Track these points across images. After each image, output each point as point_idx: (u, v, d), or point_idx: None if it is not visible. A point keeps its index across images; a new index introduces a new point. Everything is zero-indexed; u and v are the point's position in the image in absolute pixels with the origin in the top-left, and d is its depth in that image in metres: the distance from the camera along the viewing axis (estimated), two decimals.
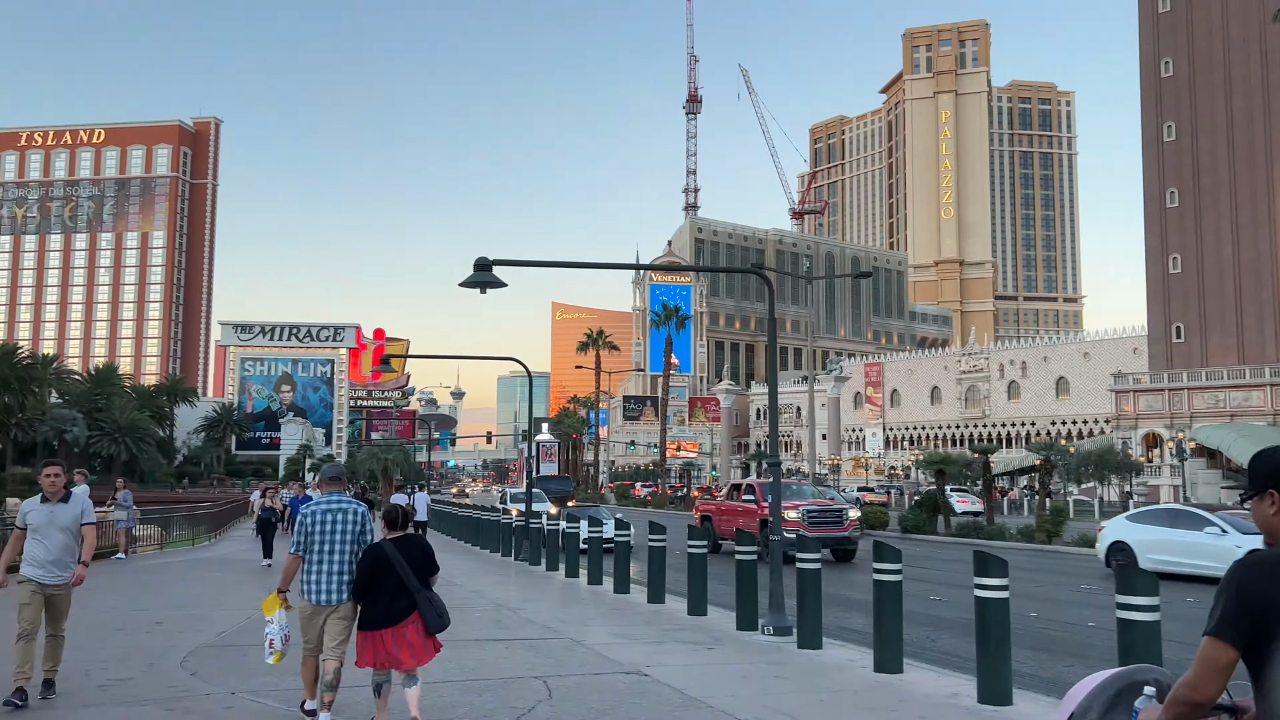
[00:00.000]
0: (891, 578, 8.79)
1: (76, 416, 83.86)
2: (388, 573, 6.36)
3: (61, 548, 7.59)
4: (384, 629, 6.32)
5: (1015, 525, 31.02)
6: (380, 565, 6.39)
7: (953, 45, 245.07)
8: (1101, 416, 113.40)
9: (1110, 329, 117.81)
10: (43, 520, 7.57)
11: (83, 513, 7.81)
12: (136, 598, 14.35)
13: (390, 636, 6.32)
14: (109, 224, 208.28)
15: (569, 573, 17.46)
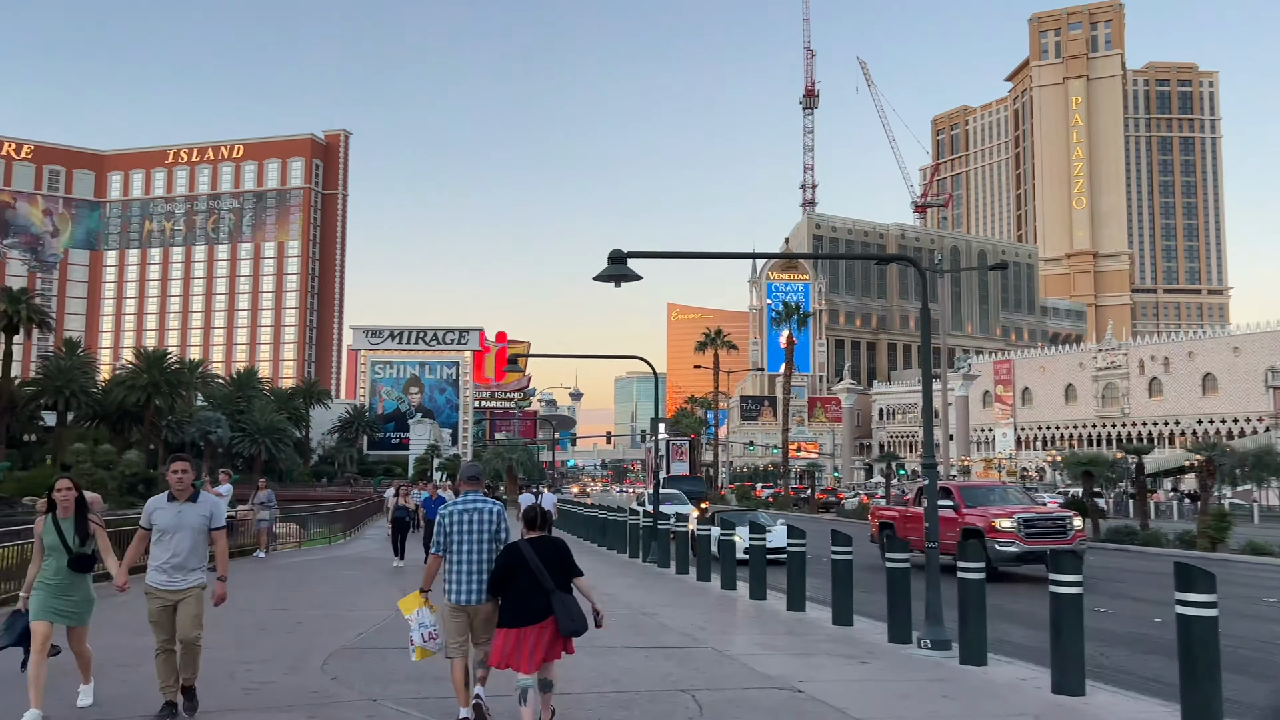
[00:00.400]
0: (1071, 590, 7.96)
1: (220, 418, 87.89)
2: (523, 572, 6.40)
3: (188, 551, 7.05)
4: (521, 628, 6.34)
5: (1171, 531, 28.99)
6: (516, 564, 6.44)
7: (1083, 28, 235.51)
8: (1255, 414, 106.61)
9: (1263, 322, 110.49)
10: (169, 521, 7.03)
11: (212, 515, 7.17)
12: (278, 596, 14.56)
13: (527, 635, 6.33)
14: (248, 235, 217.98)
15: (725, 584, 16.00)
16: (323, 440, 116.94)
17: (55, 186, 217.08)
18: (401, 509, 21.08)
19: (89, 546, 7.15)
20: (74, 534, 7.08)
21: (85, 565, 7.11)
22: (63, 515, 7.11)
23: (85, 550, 7.11)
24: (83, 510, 7.19)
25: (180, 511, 7.05)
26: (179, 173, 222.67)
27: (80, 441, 72.04)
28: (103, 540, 7.32)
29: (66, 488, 7.18)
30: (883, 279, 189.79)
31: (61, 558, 7.02)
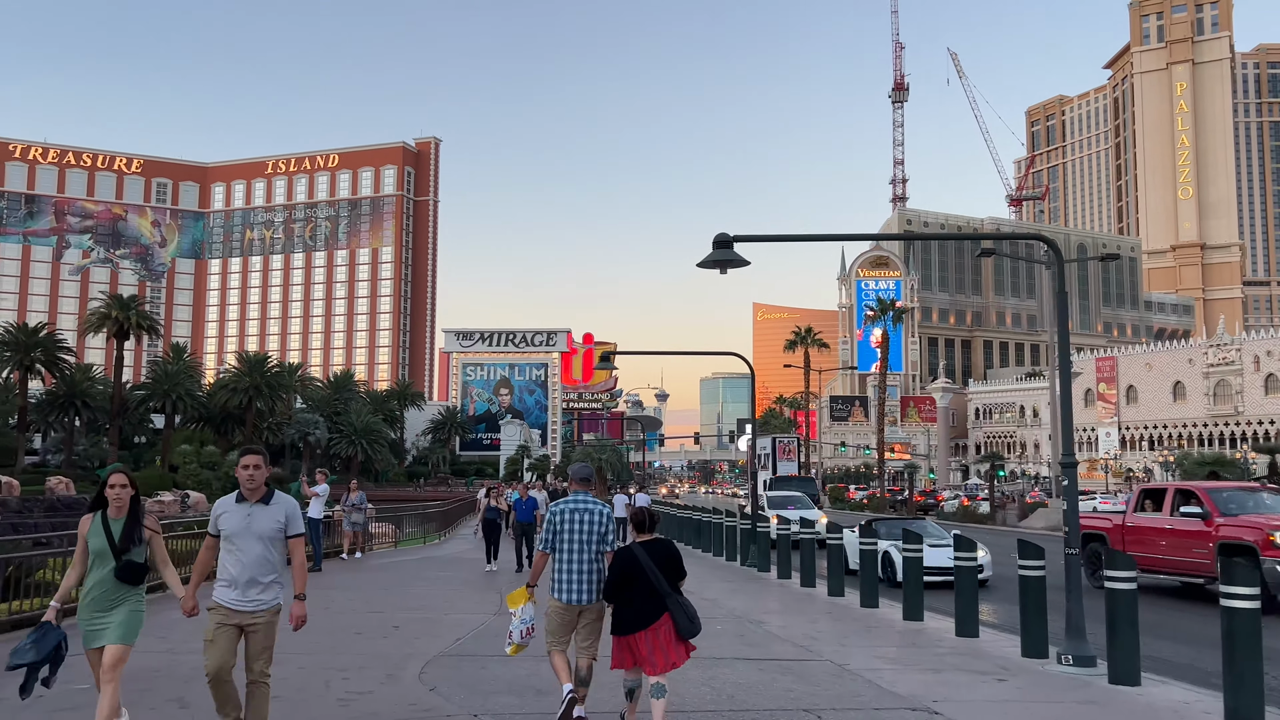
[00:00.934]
0: (1247, 604, 7.03)
1: (319, 420, 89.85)
2: (638, 576, 6.40)
3: (258, 561, 6.00)
4: (637, 632, 6.34)
5: None
6: (631, 568, 6.43)
7: (1188, 11, 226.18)
8: None
9: None
10: (237, 525, 6.00)
11: (287, 520, 6.11)
12: (373, 597, 14.26)
13: (643, 639, 6.32)
14: (343, 242, 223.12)
15: (832, 590, 15.13)
16: (416, 441, 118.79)
17: (163, 198, 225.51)
18: (493, 510, 20.35)
19: (140, 554, 6.09)
20: (124, 538, 6.02)
21: (136, 575, 6.05)
22: (114, 515, 6.08)
23: (136, 558, 6.05)
24: (137, 512, 6.17)
25: (250, 515, 6.01)
26: (278, 183, 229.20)
27: (186, 443, 74.40)
28: (159, 548, 6.27)
29: (122, 484, 6.11)
30: (977, 275, 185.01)
31: (108, 564, 6.00)
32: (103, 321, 71.15)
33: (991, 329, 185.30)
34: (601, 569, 6.79)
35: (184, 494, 49.99)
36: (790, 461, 49.59)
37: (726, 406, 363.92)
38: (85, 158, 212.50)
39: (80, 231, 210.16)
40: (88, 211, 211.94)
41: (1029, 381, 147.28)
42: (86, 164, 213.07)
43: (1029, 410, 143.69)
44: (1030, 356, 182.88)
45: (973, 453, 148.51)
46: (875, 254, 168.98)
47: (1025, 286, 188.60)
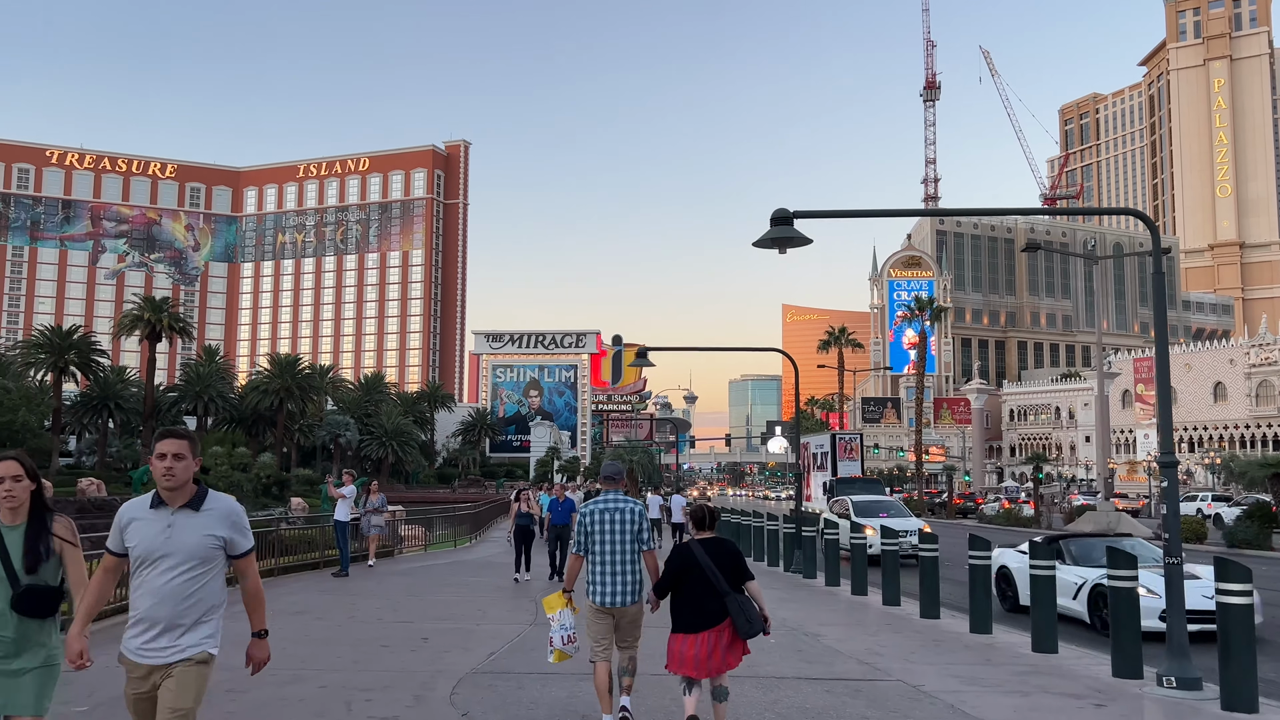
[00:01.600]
0: None
1: (349, 421, 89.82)
2: (695, 574, 6.21)
3: (178, 592, 4.03)
4: (698, 632, 6.17)
5: None
6: (687, 566, 6.26)
7: (1225, 6, 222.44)
8: None
9: None
10: (151, 541, 4.06)
11: (230, 533, 4.16)
12: (401, 605, 13.51)
13: (705, 640, 6.15)
14: (374, 245, 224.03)
15: (888, 599, 13.93)
16: (447, 443, 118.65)
17: (196, 203, 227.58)
18: (525, 516, 18.32)
19: (51, 573, 4.21)
20: (23, 554, 4.14)
21: (44, 605, 4.14)
22: (8, 521, 4.20)
23: (41, 580, 4.15)
24: (42, 516, 4.28)
25: (171, 525, 4.06)
26: (309, 186, 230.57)
27: (218, 445, 74.52)
28: (74, 565, 4.28)
29: (13, 475, 4.18)
30: (1010, 275, 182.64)
31: (2, 592, 4.10)
32: (135, 324, 71.40)
33: (1025, 329, 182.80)
34: (639, 569, 6.63)
35: None
36: (853, 461, 42.08)
37: (756, 409, 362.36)
38: (120, 163, 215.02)
39: (115, 236, 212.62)
40: (123, 216, 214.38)
41: (1065, 383, 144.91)
42: (122, 169, 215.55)
43: (1065, 411, 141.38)
44: (1065, 357, 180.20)
45: (1007, 455, 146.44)
46: (908, 254, 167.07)
47: (1060, 286, 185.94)
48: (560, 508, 17.59)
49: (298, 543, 18.33)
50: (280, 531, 17.57)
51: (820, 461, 43.37)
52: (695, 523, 6.57)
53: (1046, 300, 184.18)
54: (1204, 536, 28.78)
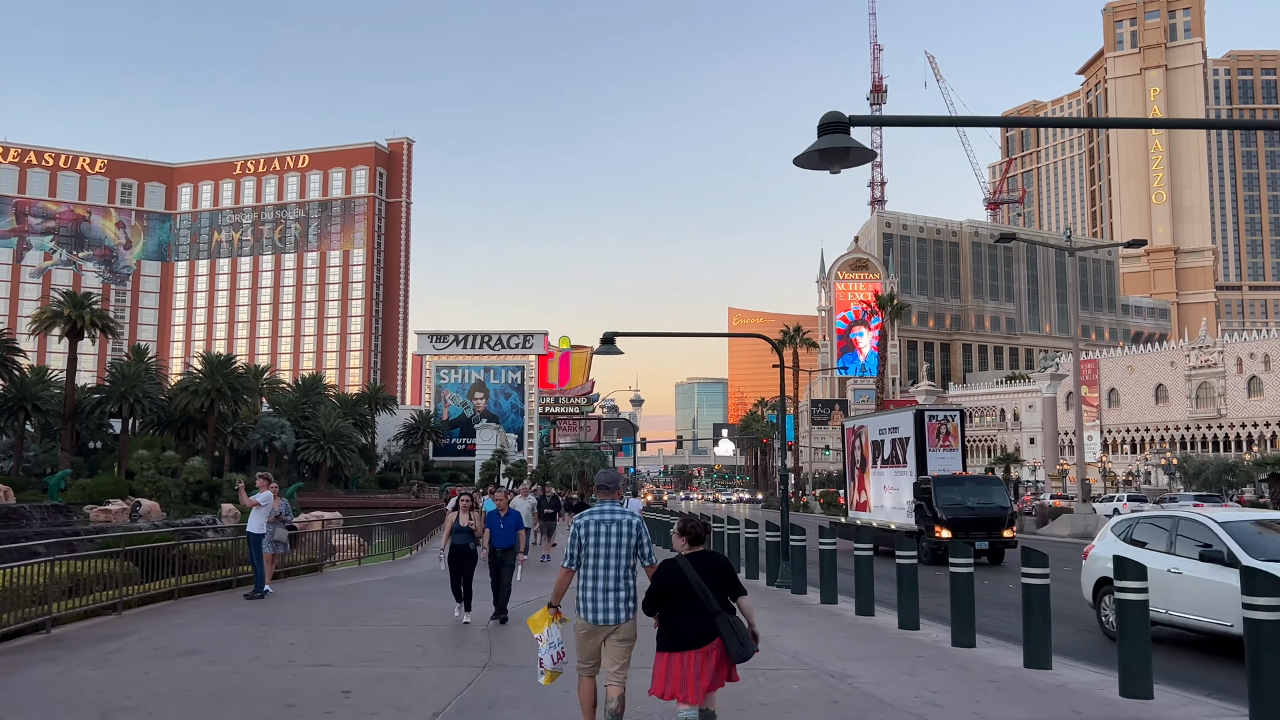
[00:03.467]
0: None
1: (284, 424, 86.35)
2: (683, 592, 5.87)
3: None
4: (687, 651, 5.80)
5: None
6: (674, 583, 5.91)
7: (1161, 16, 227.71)
8: None
9: None
10: None
11: None
12: (322, 638, 11.20)
13: (691, 661, 5.77)
14: (313, 244, 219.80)
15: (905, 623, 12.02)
16: (388, 447, 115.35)
17: (128, 200, 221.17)
18: (464, 532, 12.97)
19: None
20: None
21: None
22: None
23: None
24: None
25: None
26: (246, 184, 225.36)
27: (145, 449, 70.73)
28: None
29: None
30: (956, 278, 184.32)
31: None
32: (55, 320, 67.45)
33: (971, 332, 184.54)
34: (633, 585, 6.28)
35: (136, 502, 46.42)
36: (949, 451, 26.99)
37: (702, 411, 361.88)
38: (47, 157, 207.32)
39: (42, 233, 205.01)
40: (49, 212, 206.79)
41: (1010, 385, 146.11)
42: (49, 164, 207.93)
43: (1010, 414, 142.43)
44: (1010, 360, 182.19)
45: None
46: (855, 256, 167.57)
47: (1004, 290, 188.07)
48: (503, 523, 12.97)
49: (207, 558, 15.80)
50: (182, 546, 14.99)
51: (891, 453, 28.78)
52: (688, 537, 6.11)
53: (991, 303, 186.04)
54: None
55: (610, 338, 15.36)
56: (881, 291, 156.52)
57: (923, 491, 25.02)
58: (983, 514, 24.45)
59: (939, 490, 24.71)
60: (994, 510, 24.74)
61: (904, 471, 27.55)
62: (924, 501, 24.88)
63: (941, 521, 23.91)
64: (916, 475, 26.21)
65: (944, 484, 24.97)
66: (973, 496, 24.85)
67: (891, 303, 58.20)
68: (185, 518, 44.79)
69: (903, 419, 28.98)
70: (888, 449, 29.17)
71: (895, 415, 30.18)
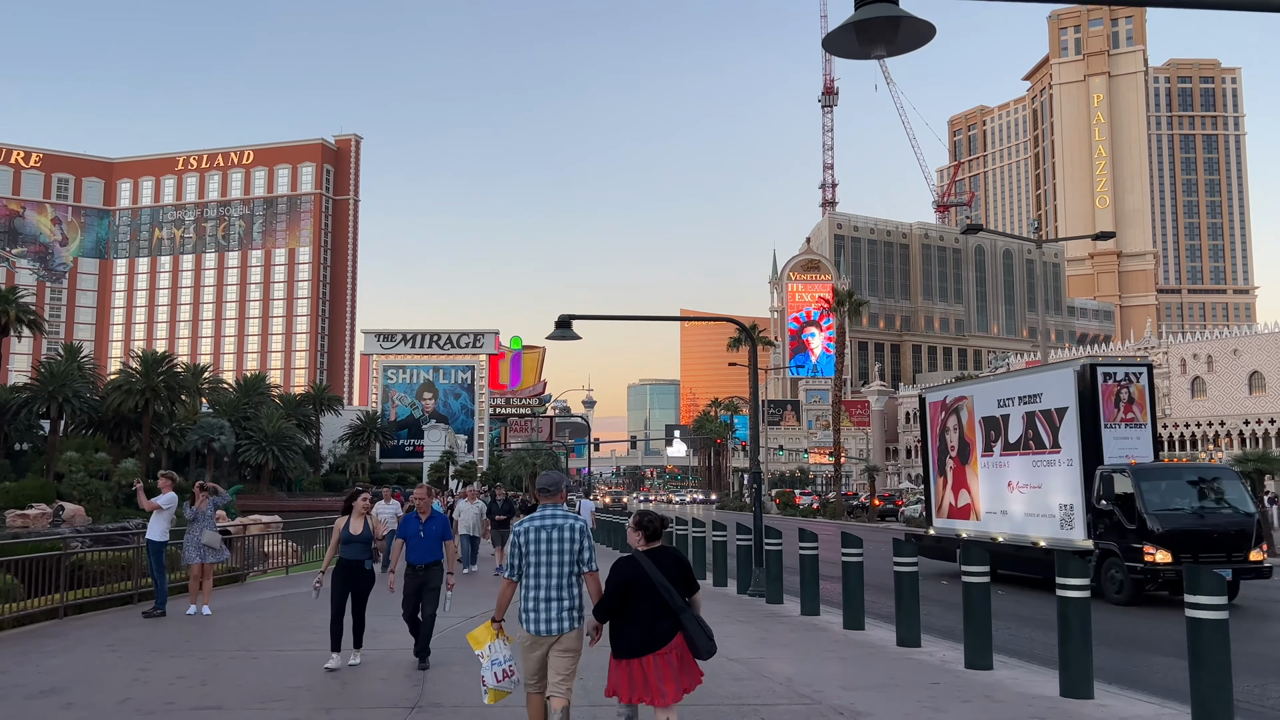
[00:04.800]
0: None
1: (224, 425, 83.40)
2: (646, 591, 5.61)
3: None
4: (645, 655, 5.53)
5: None
6: (636, 582, 5.64)
7: (1104, 25, 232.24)
8: None
9: None
10: None
11: None
12: (219, 670, 9.32)
13: (652, 664, 5.52)
14: (258, 241, 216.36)
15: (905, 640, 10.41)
16: (334, 448, 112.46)
17: (64, 195, 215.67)
18: (357, 543, 9.56)
19: None
20: None
21: None
22: None
23: None
24: None
25: None
26: (189, 180, 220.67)
27: (75, 450, 67.57)
28: None
29: None
30: (906, 280, 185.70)
31: None
32: None
33: (920, 333, 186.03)
34: (577, 593, 5.96)
35: (59, 506, 43.81)
36: (1134, 428, 18.45)
37: (654, 413, 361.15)
38: None
39: None
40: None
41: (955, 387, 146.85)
42: None
43: None
44: (958, 361, 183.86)
45: (904, 457, 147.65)
46: (807, 257, 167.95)
47: (953, 291, 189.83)
48: (424, 529, 9.66)
49: (108, 569, 13.86)
50: (74, 556, 13.02)
51: (1025, 433, 19.73)
52: (647, 535, 5.80)
53: (941, 305, 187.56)
54: None
55: (566, 321, 13.80)
56: (830, 295, 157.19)
57: (1113, 489, 17.10)
58: (1219, 525, 16.62)
59: (1146, 487, 16.67)
60: (1234, 520, 16.78)
61: (1052, 460, 18.54)
62: (1116, 505, 16.95)
63: (1156, 536, 16.10)
64: (1082, 464, 17.90)
65: (1153, 476, 17.11)
66: (1200, 498, 17.15)
67: (850, 299, 57.27)
68: (115, 522, 42.38)
69: (1050, 380, 19.08)
70: (1017, 427, 19.67)
71: (1033, 376, 19.97)
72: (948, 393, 23.08)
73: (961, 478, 21.56)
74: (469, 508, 21.38)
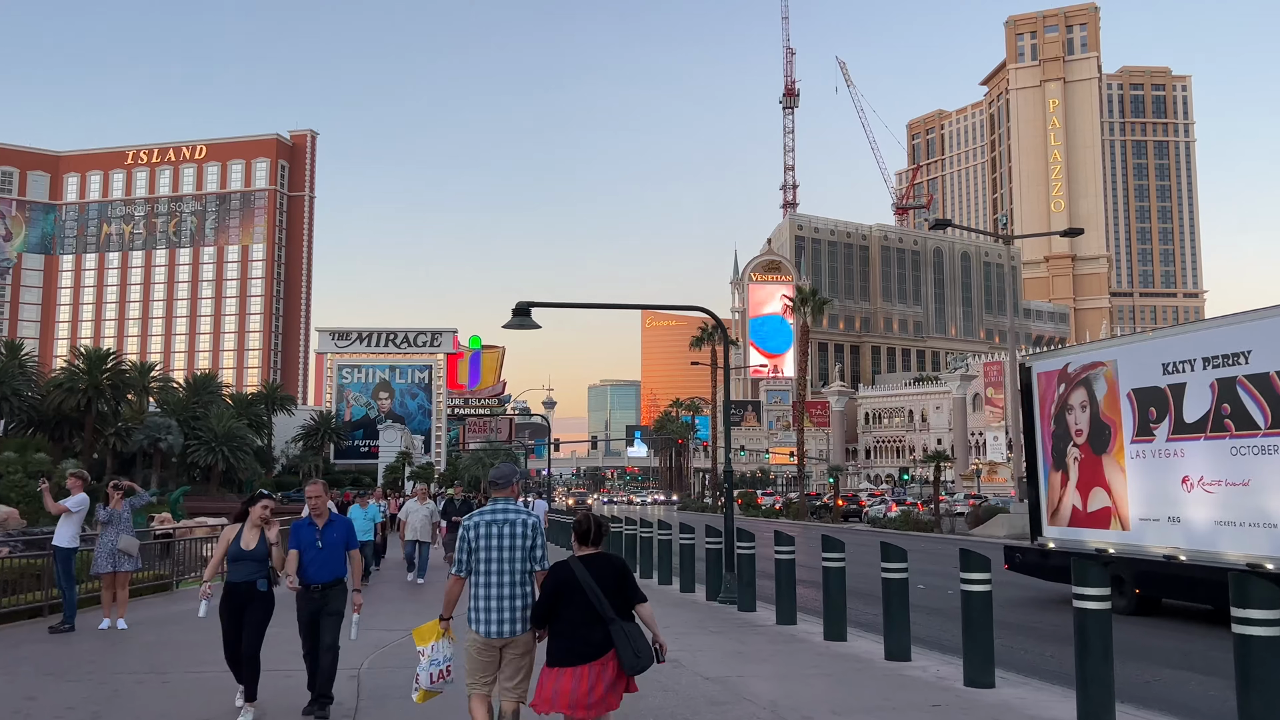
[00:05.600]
0: None
1: (172, 424, 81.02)
2: (575, 598, 5.34)
3: None
4: (578, 665, 5.25)
5: None
6: (566, 588, 5.38)
7: (1059, 31, 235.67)
8: None
9: None
10: None
11: None
12: (118, 698, 8.01)
13: (585, 675, 5.23)
14: (211, 238, 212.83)
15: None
16: (286, 449, 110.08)
17: (8, 189, 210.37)
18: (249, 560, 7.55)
19: None
20: None
21: None
22: None
23: None
24: None
25: None
26: (138, 174, 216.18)
27: (17, 451, 65.13)
28: None
29: None
30: (865, 281, 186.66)
31: None
32: None
33: (879, 335, 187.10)
34: (530, 592, 5.70)
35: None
36: None
37: (615, 414, 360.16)
38: None
39: None
40: None
41: (918, 386, 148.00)
42: None
43: (918, 415, 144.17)
44: (916, 362, 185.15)
45: (863, 457, 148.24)
46: (768, 258, 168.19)
47: (912, 293, 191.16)
48: (321, 537, 7.56)
49: (19, 577, 12.57)
50: None
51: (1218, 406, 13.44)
52: (578, 537, 5.52)
53: (899, 306, 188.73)
54: None
55: (525, 309, 12.70)
56: (793, 294, 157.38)
57: None
58: None
59: None
60: None
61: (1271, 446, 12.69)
62: None
63: None
64: None
65: None
66: None
67: (814, 296, 56.62)
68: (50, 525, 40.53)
69: (1268, 333, 12.86)
70: (1200, 400, 13.93)
71: (1230, 328, 13.70)
72: (1070, 358, 16.94)
73: (1094, 472, 16.00)
74: (418, 509, 19.57)
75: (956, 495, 77.61)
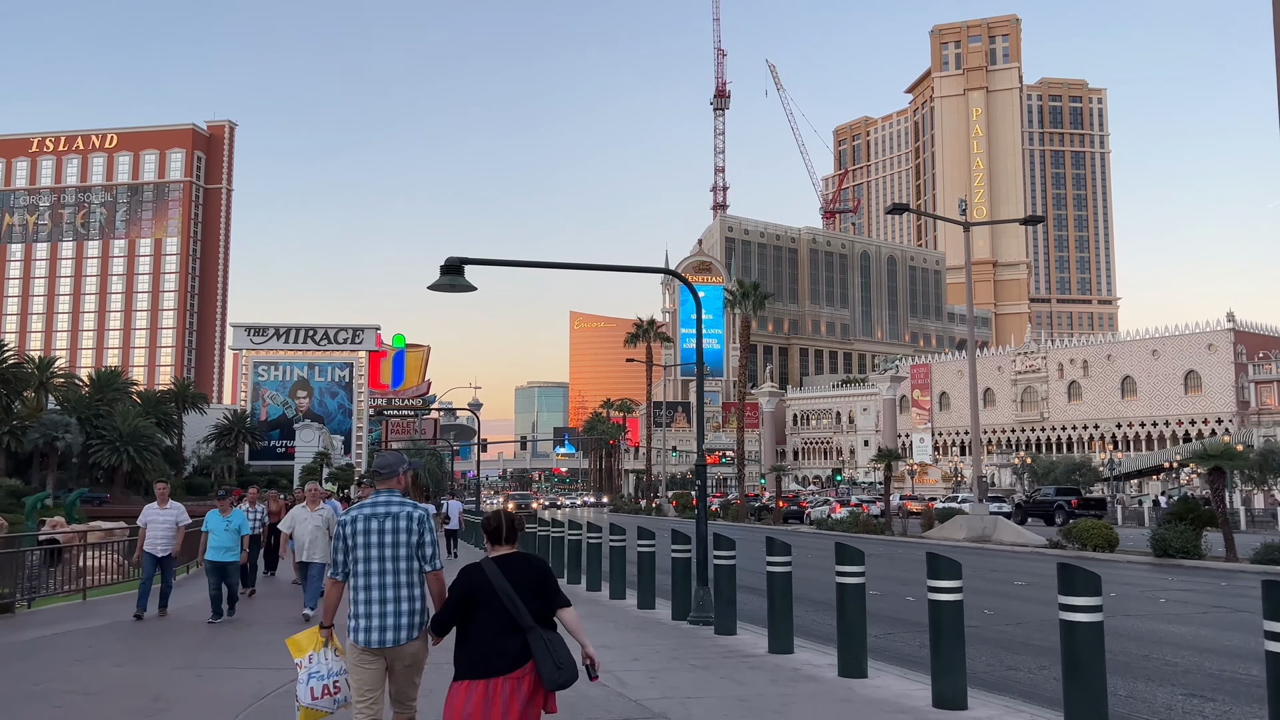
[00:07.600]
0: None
1: (70, 422, 76.11)
2: (488, 603, 4.76)
3: None
4: (492, 678, 4.66)
5: None
6: (478, 593, 4.80)
7: (983, 41, 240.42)
8: (1174, 417, 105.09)
9: (1179, 325, 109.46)
10: None
11: None
12: None
13: (499, 690, 4.64)
14: (122, 230, 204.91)
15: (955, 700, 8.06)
16: (198, 449, 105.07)
17: None
18: None
19: None
20: None
21: None
22: None
23: None
24: None
25: None
26: (44, 163, 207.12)
27: None
28: None
29: None
30: (794, 284, 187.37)
31: None
32: None
33: (807, 336, 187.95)
34: (418, 595, 5.17)
35: None
36: None
37: (542, 416, 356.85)
38: None
39: None
40: None
41: (846, 388, 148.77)
42: None
43: (845, 416, 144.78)
44: (844, 364, 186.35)
45: (791, 458, 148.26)
46: (699, 258, 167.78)
47: (839, 296, 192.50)
48: None
49: None
50: None
51: None
52: (489, 535, 4.93)
53: (827, 309, 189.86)
54: (1114, 544, 23.95)
55: (457, 265, 10.42)
56: (735, 289, 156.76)
57: None
58: None
59: None
60: None
61: None
62: None
63: None
64: None
65: None
66: None
67: (756, 290, 55.05)
68: None
69: None
70: None
71: None
72: None
73: None
74: (308, 518, 13.83)
75: (892, 497, 77.24)
